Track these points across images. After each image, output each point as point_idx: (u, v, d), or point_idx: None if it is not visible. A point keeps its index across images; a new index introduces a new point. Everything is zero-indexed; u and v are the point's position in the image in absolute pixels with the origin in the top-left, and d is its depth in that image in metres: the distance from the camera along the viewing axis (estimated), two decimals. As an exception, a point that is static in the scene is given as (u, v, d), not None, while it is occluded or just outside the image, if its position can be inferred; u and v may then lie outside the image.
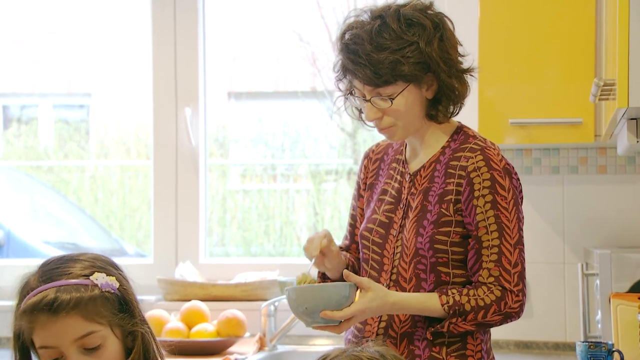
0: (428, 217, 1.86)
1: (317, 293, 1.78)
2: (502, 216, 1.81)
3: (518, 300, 1.80)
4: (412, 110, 1.86)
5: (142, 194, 3.51)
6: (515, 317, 1.82)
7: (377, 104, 1.85)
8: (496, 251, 1.81)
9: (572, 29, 2.51)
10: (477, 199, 1.81)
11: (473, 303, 1.79)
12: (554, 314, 2.78)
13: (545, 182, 2.80)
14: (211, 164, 3.38)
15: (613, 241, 2.75)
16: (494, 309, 1.79)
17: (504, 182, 1.82)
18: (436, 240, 1.84)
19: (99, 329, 1.43)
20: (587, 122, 2.50)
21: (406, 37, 1.82)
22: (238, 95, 3.60)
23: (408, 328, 1.86)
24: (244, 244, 3.46)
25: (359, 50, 1.82)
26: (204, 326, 2.80)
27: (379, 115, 1.86)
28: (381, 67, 1.80)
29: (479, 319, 1.79)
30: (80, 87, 3.81)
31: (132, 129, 3.62)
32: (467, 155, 1.85)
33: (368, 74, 1.81)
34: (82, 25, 3.60)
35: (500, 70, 2.56)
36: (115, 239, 3.58)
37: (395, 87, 1.83)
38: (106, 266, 1.50)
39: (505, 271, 1.80)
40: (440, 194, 1.85)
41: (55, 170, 3.65)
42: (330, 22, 3.39)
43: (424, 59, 1.82)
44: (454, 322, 1.80)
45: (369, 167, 2.02)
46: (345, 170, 3.48)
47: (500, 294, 1.79)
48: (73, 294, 1.43)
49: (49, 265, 1.49)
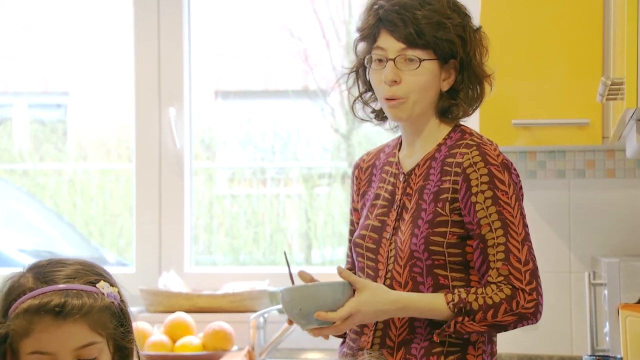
0: (423, 216, 1.87)
1: (312, 292, 1.79)
2: (505, 212, 1.82)
3: (532, 299, 1.79)
4: (428, 88, 1.90)
5: (124, 199, 3.51)
6: (531, 319, 1.80)
7: (401, 65, 1.88)
8: (503, 249, 1.81)
9: (578, 24, 2.53)
10: (475, 196, 1.82)
11: (481, 301, 1.78)
12: (560, 326, 2.79)
13: (550, 186, 2.81)
14: (197, 167, 3.39)
15: (622, 249, 2.77)
16: (504, 308, 1.78)
17: (503, 177, 1.84)
18: (431, 241, 1.85)
19: (99, 341, 1.44)
20: (594, 123, 2.52)
21: (452, 14, 1.89)
22: (225, 95, 3.61)
23: (406, 335, 1.87)
24: (231, 252, 3.47)
25: (407, 3, 1.87)
26: (189, 339, 2.80)
27: (398, 78, 1.89)
28: (425, 25, 1.86)
29: (489, 319, 1.78)
30: (58, 86, 3.81)
31: (112, 130, 3.62)
32: (463, 152, 1.87)
33: (409, 29, 1.86)
34: (59, 20, 3.61)
35: (502, 68, 2.57)
36: (94, 246, 3.58)
37: (426, 53, 1.88)
38: (106, 275, 1.51)
39: (515, 269, 1.80)
40: (436, 192, 1.87)
41: (31, 174, 3.65)
42: (324, 17, 3.41)
43: (465, 37, 1.89)
44: (461, 322, 1.79)
45: (361, 177, 2.04)
46: (339, 173, 3.49)
47: (510, 292, 1.78)
48: (84, 299, 1.43)
49: (44, 267, 1.48)
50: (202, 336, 2.83)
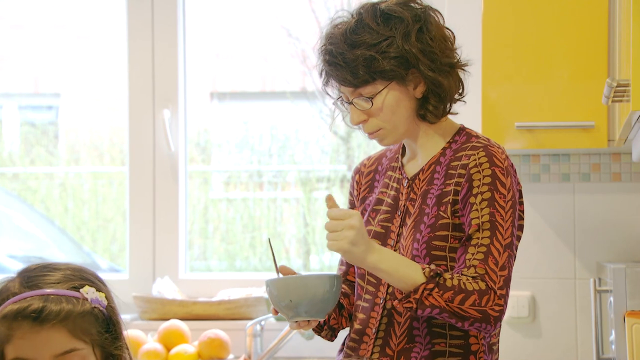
0: (425, 220, 1.88)
1: (301, 284, 1.80)
2: (497, 215, 1.82)
3: (500, 304, 1.79)
4: (398, 111, 1.89)
5: (117, 204, 3.52)
6: (491, 324, 1.78)
7: (360, 105, 1.89)
8: (484, 250, 1.81)
9: (583, 25, 2.53)
10: (474, 197, 1.83)
11: (455, 282, 1.77)
12: (564, 334, 2.79)
13: (555, 190, 2.82)
14: (192, 170, 3.39)
15: (628, 255, 2.77)
16: (474, 299, 1.76)
17: (506, 181, 1.85)
18: (433, 245, 1.85)
19: (82, 347, 1.45)
20: (599, 126, 2.53)
21: (382, 31, 1.86)
22: (221, 96, 3.61)
23: (405, 344, 1.87)
24: (227, 258, 3.47)
25: (333, 50, 1.87)
26: (183, 347, 2.81)
27: (363, 118, 1.90)
28: (356, 65, 1.85)
29: (455, 303, 1.76)
30: (49, 87, 3.82)
31: (105, 132, 3.62)
32: (469, 154, 1.88)
33: (345, 74, 1.86)
34: (50, 19, 3.61)
35: (505, 69, 2.58)
36: (86, 252, 3.58)
37: (374, 86, 1.87)
38: (95, 281, 1.51)
39: (491, 270, 1.80)
40: (439, 196, 1.88)
41: (21, 178, 3.66)
42: (322, 17, 3.41)
43: (401, 54, 1.85)
44: (430, 290, 1.76)
45: (361, 182, 2.05)
46: (338, 177, 3.50)
47: (484, 287, 1.78)
48: (63, 305, 1.44)
49: (33, 272, 1.49)
50: (197, 344, 2.83)
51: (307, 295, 1.80)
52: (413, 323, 1.87)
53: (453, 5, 2.79)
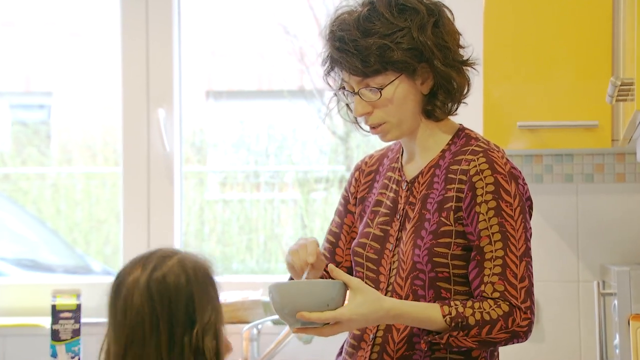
0: (426, 226, 1.87)
1: (303, 291, 1.77)
2: (507, 224, 1.83)
3: (527, 318, 1.81)
4: (405, 105, 1.89)
5: (110, 205, 3.52)
6: (522, 338, 1.83)
7: (366, 96, 1.88)
8: (500, 263, 1.82)
9: (587, 22, 2.54)
10: (479, 206, 1.83)
11: (478, 317, 1.79)
12: (568, 337, 2.80)
13: (558, 191, 2.83)
14: (187, 171, 3.40)
15: (632, 257, 2.78)
16: (500, 325, 1.79)
17: (509, 187, 1.85)
18: (435, 252, 1.86)
19: None
20: (603, 126, 2.53)
21: (397, 22, 1.86)
22: (217, 95, 3.62)
23: (404, 351, 1.88)
24: (223, 260, 3.48)
25: (345, 36, 1.86)
26: (179, 352, 2.81)
27: (369, 110, 1.89)
28: (369, 53, 1.84)
29: (483, 335, 1.79)
30: (40, 86, 3.82)
31: (98, 132, 3.63)
32: (469, 158, 1.87)
33: (355, 62, 1.85)
34: (42, 16, 3.61)
35: (507, 68, 2.59)
36: (79, 254, 3.59)
37: (385, 76, 1.86)
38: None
39: (510, 286, 1.81)
40: (440, 201, 1.88)
41: (12, 178, 3.66)
42: (320, 13, 3.42)
43: (416, 45, 1.86)
44: (455, 336, 1.79)
45: (361, 180, 2.04)
46: (336, 178, 3.50)
47: (508, 309, 1.80)
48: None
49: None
50: (193, 348, 2.83)
51: (311, 302, 1.76)
52: (413, 330, 1.87)
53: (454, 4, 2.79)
